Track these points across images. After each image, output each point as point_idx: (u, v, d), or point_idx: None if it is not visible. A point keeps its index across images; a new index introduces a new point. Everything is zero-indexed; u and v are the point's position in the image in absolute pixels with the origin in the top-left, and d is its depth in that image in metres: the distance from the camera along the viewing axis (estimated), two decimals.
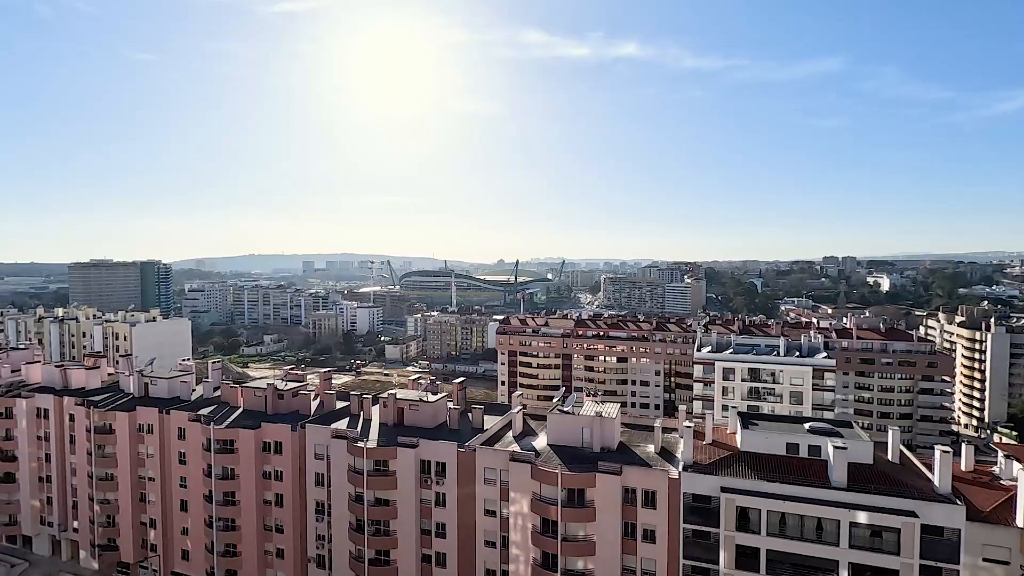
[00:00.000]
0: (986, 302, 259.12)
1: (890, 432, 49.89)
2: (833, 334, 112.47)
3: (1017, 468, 44.17)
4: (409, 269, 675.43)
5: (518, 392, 73.64)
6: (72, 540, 76.49)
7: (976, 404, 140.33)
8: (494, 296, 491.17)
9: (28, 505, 77.65)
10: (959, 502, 40.97)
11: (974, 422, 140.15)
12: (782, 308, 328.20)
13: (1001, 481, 46.12)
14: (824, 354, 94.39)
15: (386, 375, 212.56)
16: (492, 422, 61.27)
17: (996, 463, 48.93)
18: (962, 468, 48.07)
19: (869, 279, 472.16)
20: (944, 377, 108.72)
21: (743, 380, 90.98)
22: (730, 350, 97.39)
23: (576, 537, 49.00)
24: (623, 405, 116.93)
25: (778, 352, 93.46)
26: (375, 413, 64.13)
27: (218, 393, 72.30)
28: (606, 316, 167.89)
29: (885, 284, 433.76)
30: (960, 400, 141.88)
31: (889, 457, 48.51)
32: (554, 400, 60.26)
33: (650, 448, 53.06)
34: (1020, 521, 41.27)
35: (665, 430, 56.28)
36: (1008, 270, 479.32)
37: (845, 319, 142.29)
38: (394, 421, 61.39)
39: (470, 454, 54.19)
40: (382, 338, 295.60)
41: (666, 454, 51.79)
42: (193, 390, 74.66)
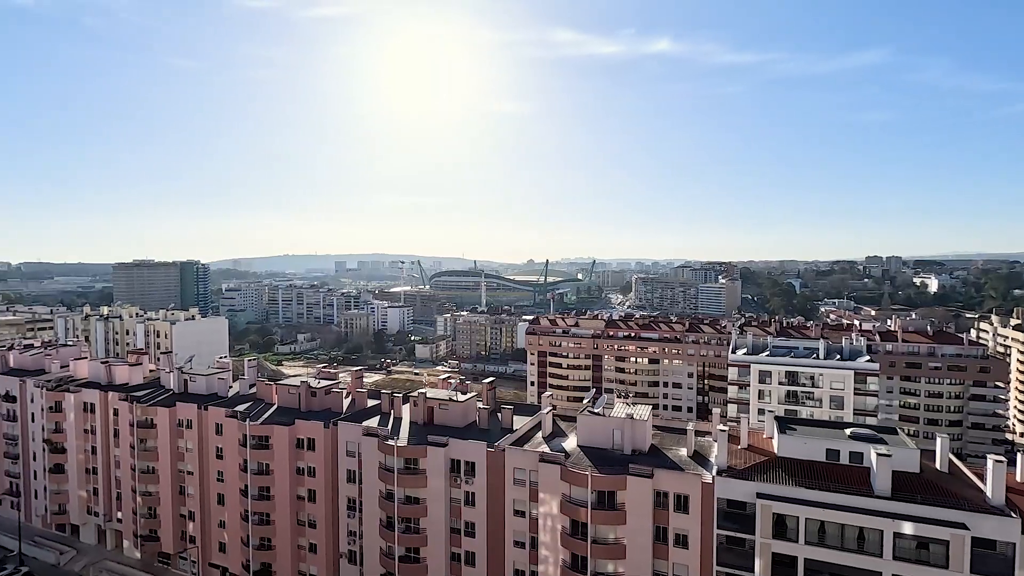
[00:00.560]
0: None
1: (938, 440, 47.62)
2: (877, 337, 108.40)
3: None
4: (439, 269, 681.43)
5: (548, 393, 73.21)
6: (116, 530, 79.41)
7: None
8: (524, 296, 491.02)
9: (76, 495, 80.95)
10: (1014, 515, 38.75)
11: None
12: (822, 310, 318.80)
13: None
14: (867, 357, 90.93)
15: (416, 374, 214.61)
16: (521, 422, 60.98)
17: None
18: (1017, 479, 45.45)
19: (916, 280, 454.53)
20: (998, 383, 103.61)
21: (780, 383, 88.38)
22: (766, 352, 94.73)
23: (606, 540, 48.28)
24: (655, 407, 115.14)
25: (817, 355, 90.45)
26: (405, 412, 64.58)
27: (254, 390, 74.01)
28: (637, 317, 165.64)
29: (933, 285, 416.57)
30: (1015, 407, 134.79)
31: (937, 466, 46.32)
32: (584, 401, 59.59)
33: (682, 451, 51.95)
34: None
35: (698, 433, 55.08)
36: None
37: (889, 321, 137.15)
38: (424, 420, 61.69)
39: (500, 454, 54.00)
40: (412, 337, 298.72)
41: (699, 458, 50.60)
42: (230, 387, 76.63)
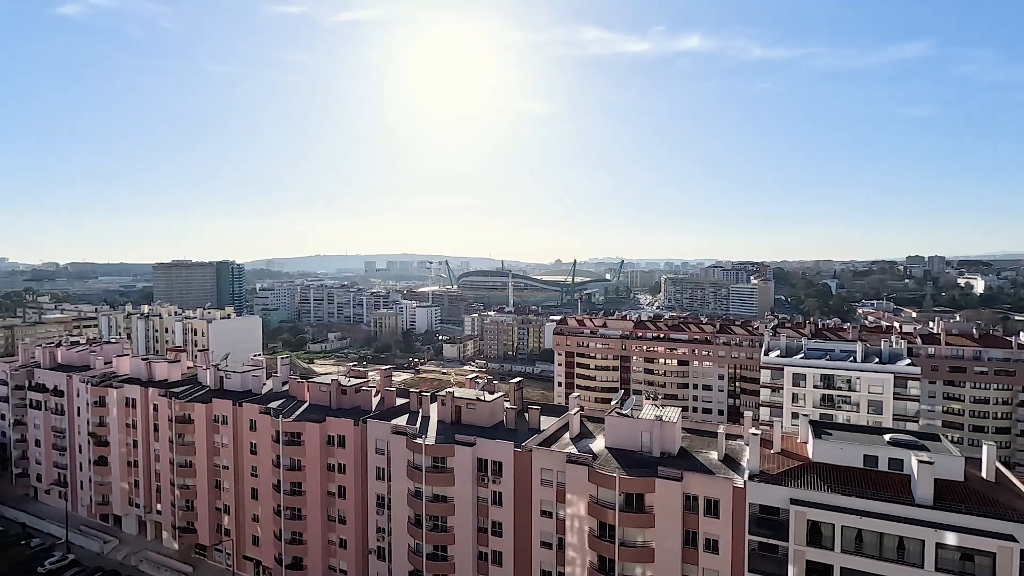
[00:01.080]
0: None
1: (984, 447, 45.60)
2: (918, 339, 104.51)
3: None
4: (466, 269, 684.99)
5: (575, 394, 72.63)
6: (156, 521, 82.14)
7: None
8: (551, 296, 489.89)
9: (118, 487, 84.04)
10: None
11: None
12: (859, 311, 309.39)
13: None
14: (907, 361, 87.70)
15: (444, 373, 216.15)
16: (549, 423, 60.81)
17: None
18: None
19: (960, 280, 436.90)
20: None
21: (815, 387, 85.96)
22: (801, 355, 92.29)
23: (634, 543, 47.75)
24: (684, 409, 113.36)
25: (855, 358, 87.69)
26: (433, 411, 65.08)
27: (286, 387, 75.66)
28: (667, 318, 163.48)
29: (979, 286, 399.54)
30: None
31: (983, 475, 44.37)
32: (612, 402, 59.05)
33: (713, 455, 51.01)
34: None
35: (729, 437, 54.02)
36: None
37: (932, 324, 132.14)
38: (452, 419, 62.05)
39: (527, 454, 53.94)
40: (440, 337, 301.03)
41: (730, 462, 49.61)
42: (264, 384, 78.49)
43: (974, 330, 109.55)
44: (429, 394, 68.68)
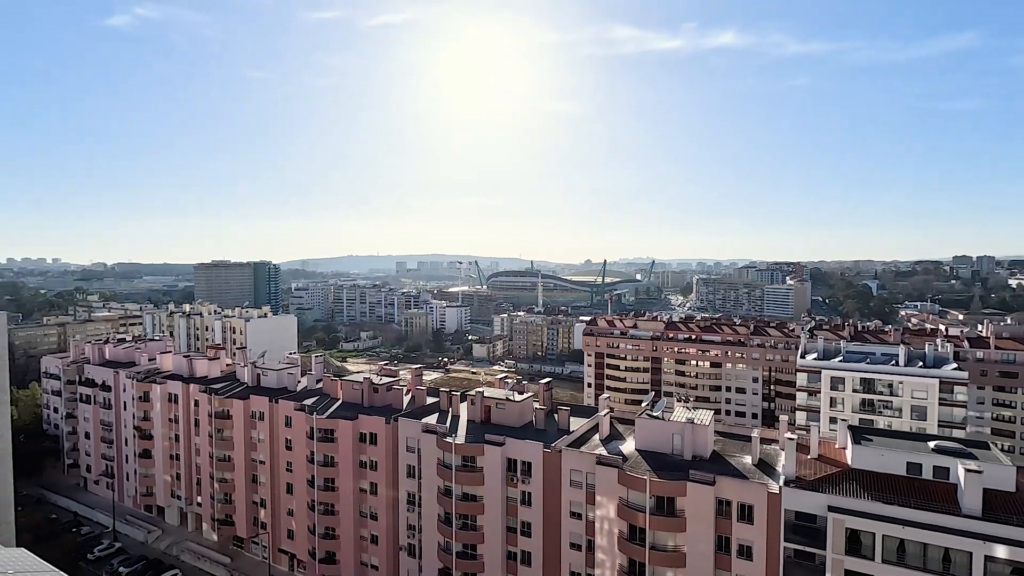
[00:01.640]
0: None
1: None
2: (965, 343, 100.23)
3: None
4: (496, 269, 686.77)
5: (605, 395, 72.19)
6: (196, 513, 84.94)
7: None
8: (581, 297, 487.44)
9: (161, 479, 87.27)
10: None
11: None
12: (902, 313, 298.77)
13: None
14: (954, 365, 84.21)
15: (473, 373, 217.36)
16: (578, 424, 60.56)
17: None
18: None
19: (1011, 281, 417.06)
20: None
21: (854, 391, 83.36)
22: (839, 358, 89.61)
23: (665, 547, 47.17)
24: (716, 412, 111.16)
25: (897, 362, 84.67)
26: (463, 410, 65.54)
27: (320, 385, 77.26)
28: (699, 319, 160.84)
29: None
30: None
31: None
32: (643, 404, 58.45)
33: (747, 459, 50.00)
34: None
35: (764, 441, 52.88)
36: None
37: (980, 326, 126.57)
38: (481, 419, 62.39)
39: (556, 455, 53.85)
40: (469, 337, 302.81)
41: (765, 466, 48.56)
42: (299, 381, 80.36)
43: None
44: (459, 393, 69.24)
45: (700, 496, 45.93)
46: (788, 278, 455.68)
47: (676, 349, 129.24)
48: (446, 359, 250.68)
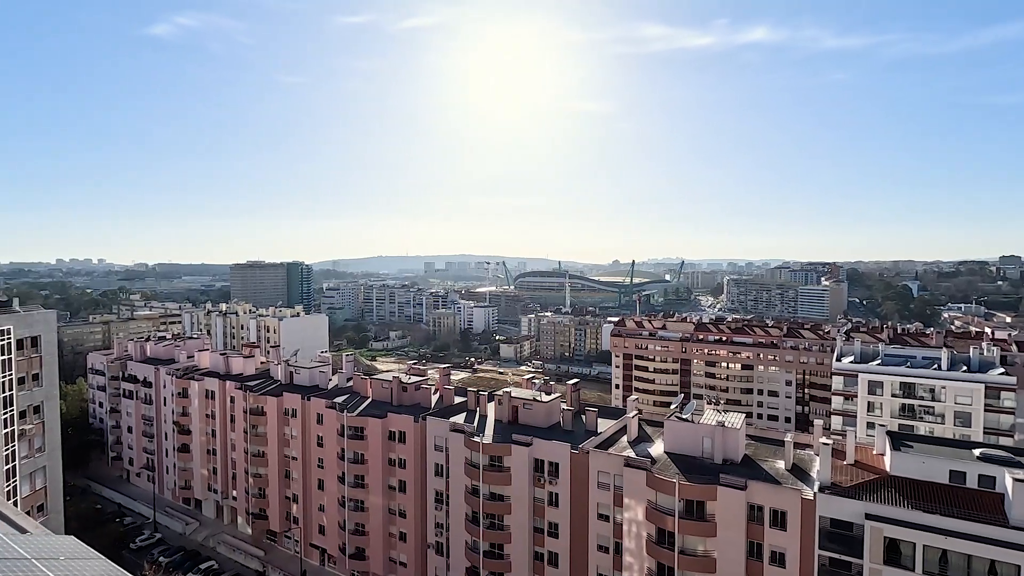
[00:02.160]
0: None
1: None
2: (1013, 347, 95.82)
3: None
4: (523, 270, 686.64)
5: (633, 396, 71.52)
6: (232, 507, 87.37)
7: None
8: (608, 297, 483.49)
9: (198, 473, 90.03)
10: None
11: None
12: (944, 315, 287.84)
13: None
14: (1001, 370, 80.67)
15: (500, 373, 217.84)
16: (606, 425, 60.17)
17: None
18: None
19: None
20: None
21: (893, 396, 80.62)
22: (877, 361, 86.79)
23: (695, 551, 46.49)
24: (748, 416, 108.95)
25: (939, 366, 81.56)
26: (491, 410, 65.79)
27: (350, 383, 78.56)
28: (729, 320, 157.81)
29: None
30: None
31: None
32: (671, 406, 57.74)
33: (779, 464, 48.91)
34: None
35: (797, 445, 51.62)
36: None
37: None
38: (508, 419, 62.52)
39: (583, 456, 53.61)
40: (497, 337, 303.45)
41: (798, 472, 47.43)
42: (330, 380, 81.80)
43: None
44: (486, 393, 69.53)
45: (731, 500, 45.13)
46: (823, 279, 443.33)
47: (706, 351, 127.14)
48: (473, 359, 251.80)
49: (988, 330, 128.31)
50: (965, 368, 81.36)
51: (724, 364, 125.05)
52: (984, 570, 37.25)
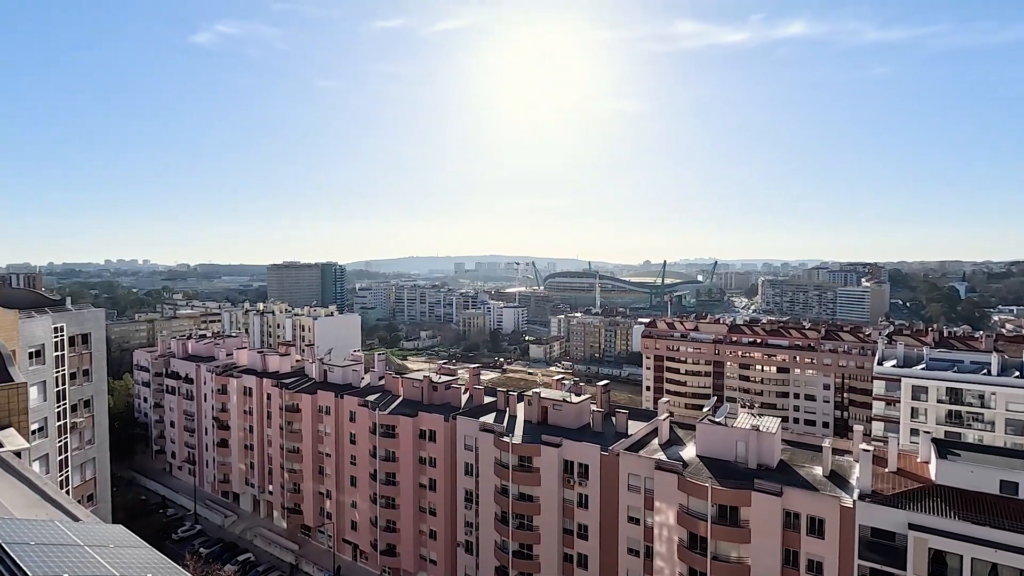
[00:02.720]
0: None
1: None
2: None
3: None
4: (553, 270, 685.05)
5: (664, 399, 70.63)
6: (268, 501, 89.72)
7: None
8: (639, 298, 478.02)
9: (237, 467, 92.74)
10: None
11: None
12: (995, 318, 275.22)
13: None
14: None
15: (530, 373, 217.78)
16: (636, 427, 59.52)
17: None
18: None
19: None
20: None
21: (939, 401, 77.52)
22: (922, 365, 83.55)
23: (728, 557, 45.61)
24: (784, 420, 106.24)
25: (989, 370, 78.03)
26: (520, 410, 65.85)
27: (382, 382, 79.71)
28: (764, 322, 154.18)
29: None
30: None
31: None
32: (704, 409, 56.75)
33: (817, 470, 47.55)
34: None
35: (836, 452, 50.09)
36: None
37: None
38: (538, 419, 62.47)
39: (614, 458, 53.19)
40: (526, 337, 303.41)
41: (837, 479, 46.03)
42: (362, 378, 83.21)
43: None
44: (516, 393, 69.63)
45: (766, 506, 44.12)
46: (864, 280, 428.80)
47: (740, 353, 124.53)
48: (503, 359, 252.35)
49: None
50: (1017, 373, 77.58)
51: (759, 367, 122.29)
52: None
